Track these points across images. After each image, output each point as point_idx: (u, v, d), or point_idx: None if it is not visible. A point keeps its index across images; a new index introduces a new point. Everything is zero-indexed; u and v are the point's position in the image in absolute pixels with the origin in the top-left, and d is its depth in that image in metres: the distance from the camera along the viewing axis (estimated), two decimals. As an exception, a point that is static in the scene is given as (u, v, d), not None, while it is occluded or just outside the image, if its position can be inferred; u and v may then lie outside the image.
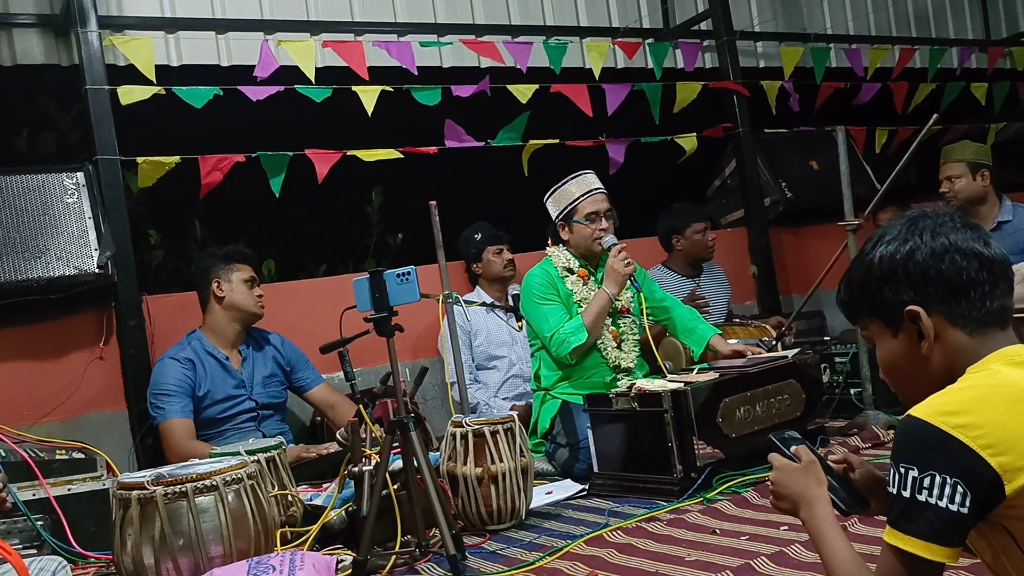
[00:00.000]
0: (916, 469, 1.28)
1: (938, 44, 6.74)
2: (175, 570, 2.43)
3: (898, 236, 1.44)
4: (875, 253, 1.46)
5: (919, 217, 1.46)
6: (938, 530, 1.27)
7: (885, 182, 3.92)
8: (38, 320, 3.87)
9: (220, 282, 3.86)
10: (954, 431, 1.26)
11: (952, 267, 1.39)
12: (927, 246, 1.41)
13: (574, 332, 3.64)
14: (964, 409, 1.28)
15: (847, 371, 4.03)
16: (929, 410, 1.30)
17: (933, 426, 1.28)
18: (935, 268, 1.40)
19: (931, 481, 1.26)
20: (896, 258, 1.43)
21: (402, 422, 2.62)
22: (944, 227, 1.42)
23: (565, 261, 3.84)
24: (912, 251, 1.42)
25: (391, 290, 2.64)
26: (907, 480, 1.29)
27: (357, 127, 4.51)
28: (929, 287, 1.40)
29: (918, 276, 1.41)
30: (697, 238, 5.04)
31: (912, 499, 1.28)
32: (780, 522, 2.66)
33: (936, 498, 1.26)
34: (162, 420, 3.63)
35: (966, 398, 1.30)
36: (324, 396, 4.05)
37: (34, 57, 4.19)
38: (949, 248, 1.40)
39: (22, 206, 3.74)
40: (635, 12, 5.78)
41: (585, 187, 3.79)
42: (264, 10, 4.66)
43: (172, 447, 3.59)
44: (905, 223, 1.46)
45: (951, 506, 1.25)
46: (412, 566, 2.68)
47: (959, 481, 1.25)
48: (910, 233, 1.43)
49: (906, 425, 1.32)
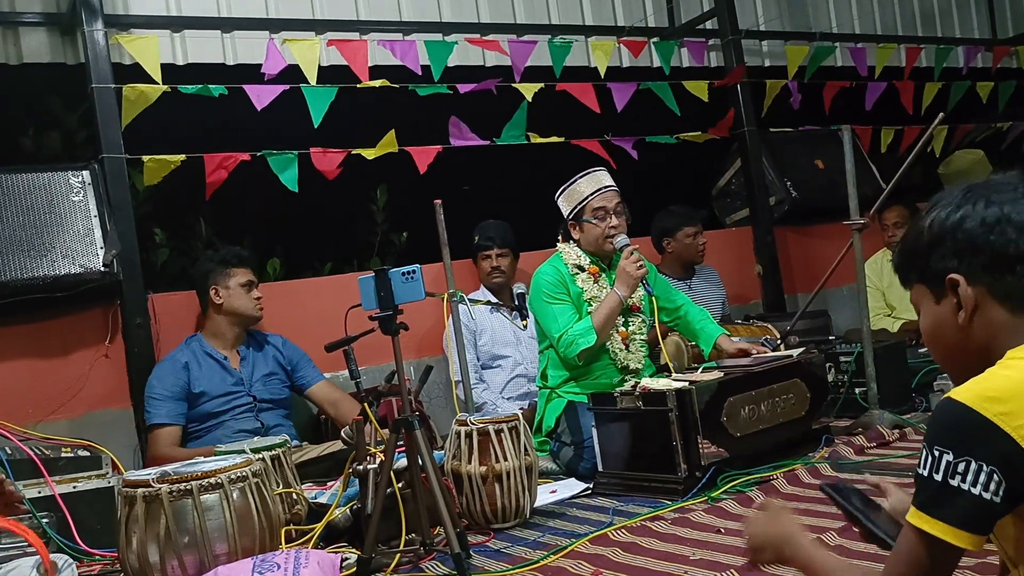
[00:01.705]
0: (952, 453, 1.24)
1: (944, 43, 6.73)
2: (180, 568, 2.43)
3: (952, 202, 1.39)
4: (928, 218, 1.41)
5: (979, 185, 1.40)
6: (968, 517, 1.24)
7: (891, 181, 3.91)
8: (44, 318, 3.88)
9: (218, 288, 3.93)
10: (995, 418, 1.23)
11: (1001, 239, 1.34)
12: (978, 215, 1.36)
13: (583, 334, 3.62)
14: (1008, 396, 1.24)
15: (852, 370, 4.02)
16: (971, 394, 1.26)
17: (974, 411, 1.24)
18: (983, 238, 1.35)
19: (966, 467, 1.23)
20: (946, 224, 1.38)
21: (407, 420, 2.62)
22: (1002, 196, 1.37)
23: (576, 258, 3.82)
24: (963, 219, 1.37)
25: (396, 289, 2.64)
26: (940, 464, 1.25)
27: (362, 125, 4.51)
28: (975, 257, 1.35)
29: (965, 244, 1.36)
30: (688, 242, 5.04)
31: (944, 483, 1.24)
32: (785, 521, 2.66)
33: (970, 484, 1.23)
34: (149, 424, 3.76)
35: (1011, 385, 1.26)
36: (325, 394, 4.07)
37: (40, 56, 4.20)
38: (1001, 219, 1.35)
39: (28, 204, 3.75)
40: (640, 11, 5.78)
41: (596, 184, 3.76)
42: (270, 9, 4.67)
43: (154, 451, 3.71)
44: (964, 189, 1.41)
45: (984, 494, 1.22)
46: (416, 564, 2.69)
47: (995, 469, 1.22)
48: (965, 199, 1.38)
49: (945, 408, 1.28)
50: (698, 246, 5.07)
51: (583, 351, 3.63)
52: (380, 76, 4.54)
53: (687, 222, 5.06)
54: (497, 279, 4.65)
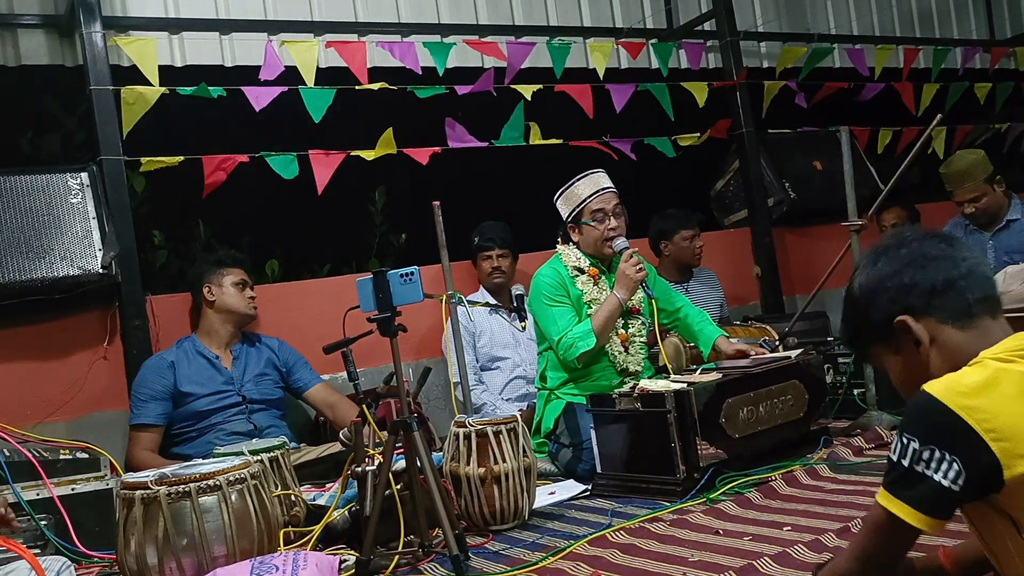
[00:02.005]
0: (918, 441, 1.35)
1: (942, 44, 6.73)
2: (178, 570, 2.43)
3: (868, 263, 1.55)
4: (854, 285, 1.57)
5: (881, 244, 1.57)
6: (927, 501, 1.34)
7: (889, 182, 3.92)
8: (42, 320, 3.88)
9: (211, 287, 3.97)
10: (961, 411, 1.32)
11: (924, 271, 1.48)
12: (896, 261, 1.51)
13: (583, 337, 3.62)
14: (975, 392, 1.33)
15: (850, 371, 4.03)
16: (942, 387, 1.36)
17: (942, 403, 1.34)
18: (909, 276, 1.49)
19: (931, 455, 1.33)
20: (872, 280, 1.52)
21: (405, 422, 2.62)
22: (906, 241, 1.53)
23: (575, 260, 3.82)
24: (883, 269, 1.51)
25: (394, 290, 2.65)
26: (908, 450, 1.36)
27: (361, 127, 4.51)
28: (909, 295, 1.48)
29: (896, 289, 1.49)
30: (684, 245, 5.04)
31: (910, 469, 1.35)
32: (783, 523, 2.66)
33: (932, 471, 1.33)
34: (130, 423, 3.79)
35: (979, 381, 1.35)
36: (323, 396, 4.08)
37: (39, 57, 4.20)
38: (916, 256, 1.50)
39: (27, 206, 3.75)
40: (639, 12, 5.78)
41: (594, 186, 3.76)
42: (268, 10, 4.67)
43: (131, 453, 3.75)
44: (870, 252, 1.57)
45: (944, 481, 1.32)
46: (415, 566, 2.68)
47: (956, 459, 1.31)
48: (877, 256, 1.54)
49: (918, 399, 1.38)
50: (695, 249, 5.07)
51: (582, 354, 3.63)
52: (379, 77, 4.55)
53: (684, 225, 5.06)
54: (498, 279, 4.66)
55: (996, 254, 4.62)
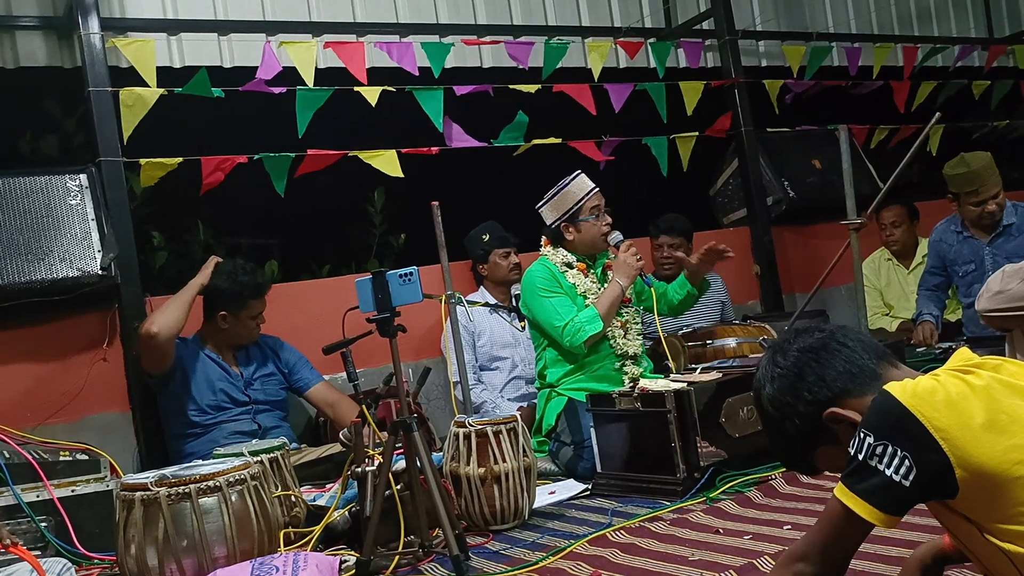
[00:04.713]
0: (873, 436, 1.39)
1: (940, 42, 6.73)
2: (179, 571, 2.44)
3: (765, 383, 1.58)
4: (763, 406, 1.59)
5: (761, 363, 1.60)
6: (879, 495, 1.38)
7: (888, 180, 3.92)
8: (41, 322, 3.88)
9: (227, 315, 3.88)
10: (916, 411, 1.37)
11: (820, 363, 1.53)
12: (790, 368, 1.55)
13: (589, 320, 3.68)
14: (929, 394, 1.39)
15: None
16: (900, 388, 1.41)
17: (899, 402, 1.39)
18: (812, 374, 1.53)
19: (884, 450, 1.37)
20: (780, 394, 1.56)
21: (405, 423, 2.63)
22: (783, 348, 1.58)
23: (563, 257, 3.88)
24: (783, 381, 1.55)
25: (394, 291, 2.65)
26: (863, 444, 1.40)
27: (359, 127, 4.51)
28: (823, 389, 1.52)
29: (808, 390, 1.53)
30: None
31: (864, 463, 1.39)
32: (783, 521, 2.66)
33: (885, 466, 1.37)
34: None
35: (935, 385, 1.41)
36: (323, 395, 4.07)
37: (37, 59, 4.19)
38: (803, 355, 1.54)
39: (25, 208, 3.74)
40: (637, 12, 5.78)
41: (586, 186, 3.83)
42: (266, 11, 4.66)
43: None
44: (760, 375, 1.60)
45: (895, 476, 1.36)
46: (415, 566, 2.69)
47: (908, 456, 1.35)
48: (770, 374, 1.57)
49: (877, 398, 1.43)
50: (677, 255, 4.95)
51: (589, 338, 3.68)
52: (377, 77, 4.54)
53: (673, 231, 4.98)
54: (516, 274, 4.65)
55: (994, 260, 4.39)
